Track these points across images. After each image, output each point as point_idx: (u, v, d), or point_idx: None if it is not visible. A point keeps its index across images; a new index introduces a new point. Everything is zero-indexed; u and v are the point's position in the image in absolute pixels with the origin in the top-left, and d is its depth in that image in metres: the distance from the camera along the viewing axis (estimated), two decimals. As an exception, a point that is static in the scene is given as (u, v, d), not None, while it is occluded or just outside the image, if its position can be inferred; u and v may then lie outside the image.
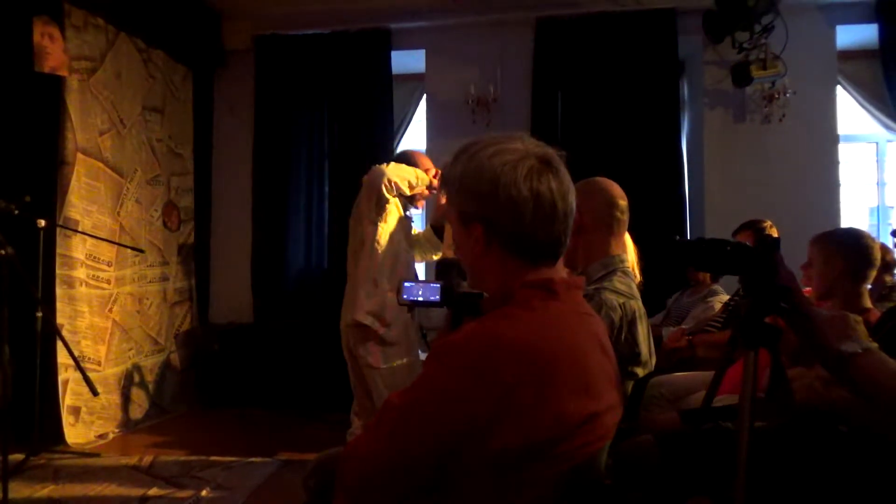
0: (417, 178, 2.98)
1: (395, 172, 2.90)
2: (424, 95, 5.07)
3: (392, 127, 5.00)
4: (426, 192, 3.11)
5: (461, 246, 1.18)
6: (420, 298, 1.35)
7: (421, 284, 1.37)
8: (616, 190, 1.97)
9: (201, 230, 5.22)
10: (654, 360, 1.99)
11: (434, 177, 3.09)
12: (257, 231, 5.15)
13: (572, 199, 1.13)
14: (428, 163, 3.16)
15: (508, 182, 1.07)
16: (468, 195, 1.12)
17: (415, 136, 5.24)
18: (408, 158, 3.14)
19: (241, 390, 4.77)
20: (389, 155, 4.92)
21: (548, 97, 4.73)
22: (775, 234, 3.20)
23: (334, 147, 5.10)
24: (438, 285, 1.34)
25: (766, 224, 3.35)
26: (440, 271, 1.41)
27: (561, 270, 1.17)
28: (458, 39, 4.90)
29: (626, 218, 1.97)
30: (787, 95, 4.41)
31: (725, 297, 3.63)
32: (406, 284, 1.37)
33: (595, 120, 4.63)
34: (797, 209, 4.25)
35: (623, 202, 1.96)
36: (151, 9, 4.43)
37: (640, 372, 1.90)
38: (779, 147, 4.53)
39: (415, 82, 5.14)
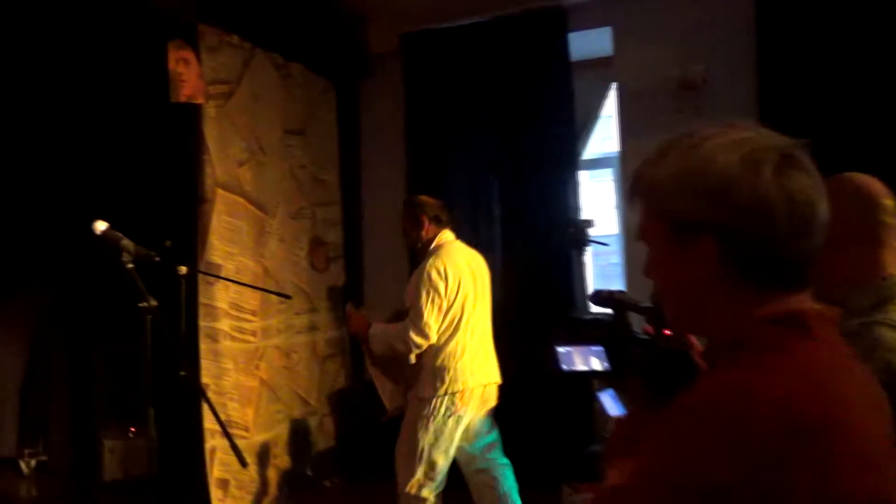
0: None
1: None
2: (614, 84, 5.03)
3: (574, 127, 4.99)
4: None
5: (668, 271, 1.13)
6: (583, 368, 1.26)
7: (578, 349, 1.28)
8: (876, 187, 1.83)
9: (352, 269, 5.50)
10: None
11: None
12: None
13: (826, 202, 1.06)
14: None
15: (751, 179, 1.00)
16: (691, 198, 1.04)
17: (604, 137, 5.19)
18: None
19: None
20: (576, 162, 4.91)
21: (780, 73, 4.46)
22: None
23: (503, 158, 5.18)
24: (601, 348, 1.26)
25: None
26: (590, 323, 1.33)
27: (808, 299, 1.09)
28: (652, 9, 4.80)
29: (895, 222, 1.82)
30: None
31: None
32: (561, 350, 1.29)
33: (847, 99, 4.28)
34: None
35: (889, 202, 1.81)
36: (288, 19, 4.81)
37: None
38: None
39: (600, 69, 5.11)
